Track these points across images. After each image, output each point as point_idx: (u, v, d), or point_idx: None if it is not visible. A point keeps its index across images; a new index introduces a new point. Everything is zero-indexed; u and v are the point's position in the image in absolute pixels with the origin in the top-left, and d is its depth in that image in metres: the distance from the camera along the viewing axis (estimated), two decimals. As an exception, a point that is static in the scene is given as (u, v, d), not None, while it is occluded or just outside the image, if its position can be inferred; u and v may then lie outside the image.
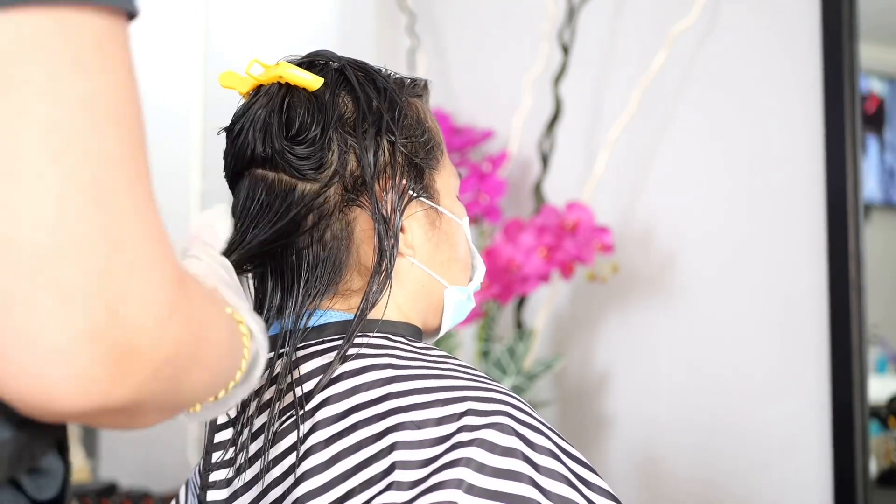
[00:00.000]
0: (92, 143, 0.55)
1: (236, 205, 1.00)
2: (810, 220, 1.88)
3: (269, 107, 0.98)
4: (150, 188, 0.58)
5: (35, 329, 0.53)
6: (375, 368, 0.93)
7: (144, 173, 0.58)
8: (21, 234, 0.52)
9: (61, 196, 0.53)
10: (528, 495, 0.85)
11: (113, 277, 0.54)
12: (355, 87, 0.99)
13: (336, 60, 1.02)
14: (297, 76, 0.98)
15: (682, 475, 2.05)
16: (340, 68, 1.01)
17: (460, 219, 1.06)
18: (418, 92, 1.06)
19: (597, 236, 2.01)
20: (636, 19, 2.19)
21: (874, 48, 1.93)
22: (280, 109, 0.98)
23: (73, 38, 0.55)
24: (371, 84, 1.00)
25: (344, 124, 0.98)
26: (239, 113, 1.02)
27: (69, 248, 0.53)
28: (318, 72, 1.00)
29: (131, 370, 0.56)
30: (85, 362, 0.54)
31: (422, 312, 1.03)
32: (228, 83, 1.03)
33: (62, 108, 0.54)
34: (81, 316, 0.53)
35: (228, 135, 1.02)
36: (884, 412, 1.95)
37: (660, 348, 2.11)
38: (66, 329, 0.53)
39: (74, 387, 0.54)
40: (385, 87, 1.01)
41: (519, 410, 0.91)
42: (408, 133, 1.01)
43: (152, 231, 0.57)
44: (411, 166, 1.01)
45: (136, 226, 0.56)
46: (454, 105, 2.50)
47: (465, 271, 1.07)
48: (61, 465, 0.65)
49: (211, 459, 0.98)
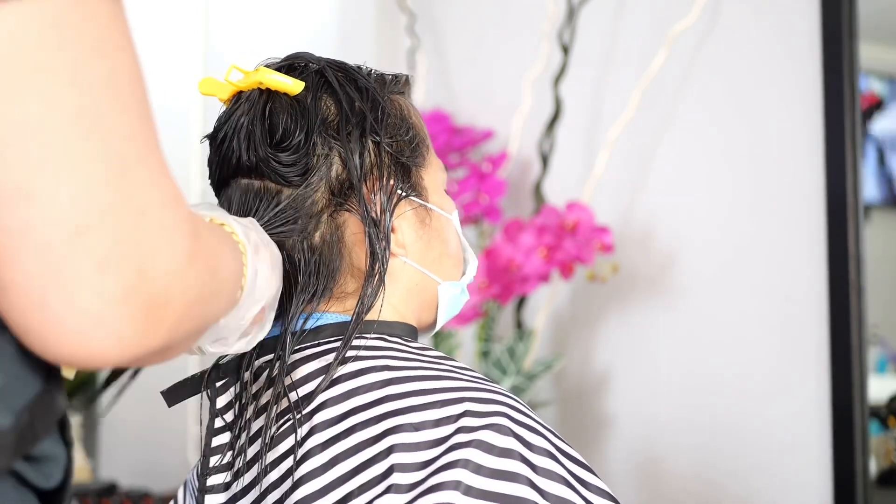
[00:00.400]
0: (114, 121, 0.60)
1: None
2: (810, 221, 1.88)
3: (252, 114, 0.97)
4: (160, 152, 0.63)
5: (76, 295, 0.58)
6: (372, 371, 0.93)
7: (155, 138, 0.63)
8: (58, 213, 0.57)
9: (90, 174, 0.58)
10: (526, 496, 0.85)
11: (140, 241, 0.60)
12: (336, 89, 0.98)
13: (315, 62, 1.01)
14: (278, 81, 0.97)
15: (681, 475, 2.05)
16: (320, 70, 1.00)
17: (449, 213, 1.05)
18: (400, 88, 1.05)
19: (597, 236, 2.01)
20: (636, 19, 2.19)
21: (874, 48, 1.93)
22: (262, 116, 0.97)
23: (92, 19, 0.59)
24: (352, 84, 0.99)
25: (327, 127, 0.97)
26: (221, 120, 1.01)
27: (101, 221, 0.58)
28: (298, 75, 0.99)
29: (162, 320, 0.62)
30: (121, 321, 0.59)
31: (417, 310, 1.03)
32: (208, 90, 1.02)
33: (88, 92, 0.59)
34: (116, 280, 0.59)
35: (212, 143, 1.01)
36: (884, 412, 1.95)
37: (660, 348, 2.11)
38: (104, 293, 0.59)
39: (112, 342, 0.59)
40: (367, 86, 1.00)
41: (516, 411, 0.91)
42: (392, 132, 1.00)
43: (169, 192, 0.63)
44: (398, 165, 1.00)
45: (155, 190, 0.61)
46: (454, 105, 2.50)
47: (457, 266, 1.06)
48: (63, 450, 0.66)
49: (209, 463, 0.98)
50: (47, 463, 0.64)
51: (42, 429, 0.63)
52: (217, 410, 0.99)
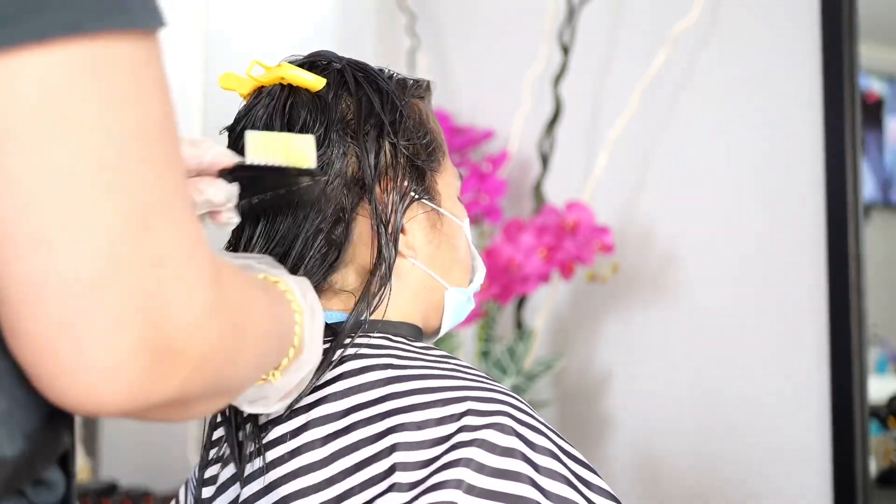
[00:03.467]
0: (139, 171, 0.58)
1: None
2: (810, 221, 1.88)
3: (272, 107, 0.98)
4: (185, 198, 0.61)
5: (89, 350, 0.57)
6: (376, 368, 0.93)
7: (181, 184, 0.61)
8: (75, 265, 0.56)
9: (111, 226, 0.57)
10: (528, 495, 0.85)
11: (158, 294, 0.59)
12: (357, 89, 0.99)
13: (337, 61, 1.01)
14: (300, 77, 0.98)
15: (681, 475, 2.05)
16: (342, 69, 1.00)
17: (461, 220, 1.06)
18: (420, 93, 1.05)
19: (597, 236, 2.01)
20: (636, 19, 2.19)
21: (874, 48, 1.93)
22: (282, 110, 0.98)
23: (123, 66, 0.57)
24: (373, 85, 1.00)
25: (346, 126, 0.98)
26: (241, 114, 1.01)
27: (120, 274, 0.57)
28: (320, 72, 0.99)
29: (173, 370, 0.60)
30: (132, 372, 0.58)
31: (423, 313, 1.03)
32: (228, 85, 1.02)
33: (115, 143, 0.57)
34: (130, 334, 0.58)
35: (230, 135, 1.02)
36: (884, 412, 1.95)
37: (660, 348, 2.11)
38: (117, 348, 0.57)
39: (121, 393, 0.58)
40: (386, 88, 1.00)
41: (519, 410, 0.91)
42: (409, 135, 1.01)
43: (191, 239, 0.61)
44: (413, 168, 1.01)
45: (176, 240, 0.60)
46: (454, 105, 2.50)
47: (465, 273, 1.07)
48: (62, 479, 0.65)
49: (208, 456, 0.98)
50: (42, 491, 0.63)
51: (41, 465, 0.62)
52: None
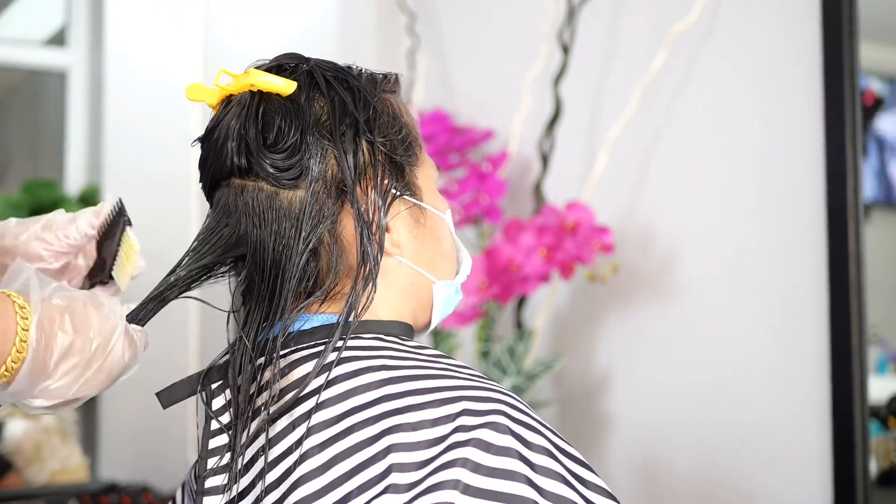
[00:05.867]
0: None
1: (215, 215, 0.99)
2: (810, 221, 1.88)
3: (244, 116, 0.97)
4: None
5: None
6: (370, 371, 0.93)
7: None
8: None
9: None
10: (525, 494, 0.85)
11: None
12: (329, 89, 0.98)
13: (305, 62, 1.00)
14: (270, 82, 0.97)
15: (681, 475, 2.05)
16: (311, 70, 0.99)
17: (443, 212, 1.05)
18: (391, 87, 1.04)
19: (597, 236, 2.01)
20: (636, 19, 2.19)
21: (874, 48, 1.93)
22: (255, 118, 0.96)
23: None
24: (343, 84, 0.99)
25: (321, 128, 0.97)
26: (211, 125, 1.00)
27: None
28: (288, 75, 0.98)
29: None
30: None
31: (412, 309, 1.03)
32: (195, 96, 1.01)
33: None
34: None
35: (203, 145, 1.01)
36: (884, 412, 1.95)
37: (660, 348, 2.11)
38: None
39: None
40: (357, 86, 0.99)
41: (514, 409, 0.90)
42: (385, 131, 1.00)
43: None
44: (392, 164, 1.00)
45: None
46: (454, 105, 2.50)
47: (451, 265, 1.06)
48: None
49: (206, 466, 0.98)
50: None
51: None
52: (213, 412, 0.99)
